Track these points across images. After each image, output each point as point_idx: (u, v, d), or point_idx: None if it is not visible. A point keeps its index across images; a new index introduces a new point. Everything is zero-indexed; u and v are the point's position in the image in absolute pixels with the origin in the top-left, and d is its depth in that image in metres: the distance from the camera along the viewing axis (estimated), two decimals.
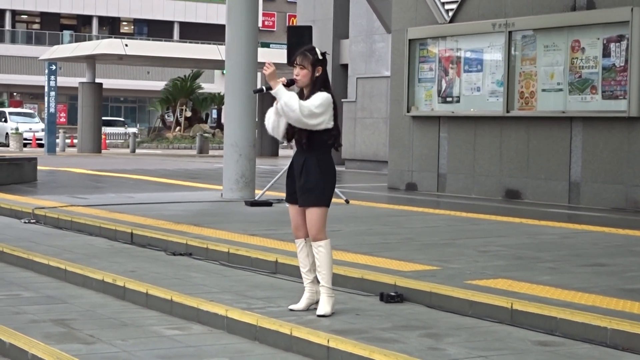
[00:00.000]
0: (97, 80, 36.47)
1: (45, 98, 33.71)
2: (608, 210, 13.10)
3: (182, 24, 70.36)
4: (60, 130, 38.05)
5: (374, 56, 25.97)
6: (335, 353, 5.43)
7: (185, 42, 55.92)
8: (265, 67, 6.20)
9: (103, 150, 36.84)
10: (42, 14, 68.23)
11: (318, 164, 6.29)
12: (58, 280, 8.31)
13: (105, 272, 7.93)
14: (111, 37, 51.49)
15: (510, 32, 14.75)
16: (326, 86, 6.32)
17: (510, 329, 5.99)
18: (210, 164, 26.94)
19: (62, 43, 58.87)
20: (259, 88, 6.44)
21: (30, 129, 41.94)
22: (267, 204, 13.28)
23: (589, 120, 13.77)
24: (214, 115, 53.84)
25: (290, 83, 6.31)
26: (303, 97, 6.30)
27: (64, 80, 45.94)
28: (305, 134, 6.27)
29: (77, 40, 54.93)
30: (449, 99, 15.95)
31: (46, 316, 6.68)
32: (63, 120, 57.37)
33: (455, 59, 15.81)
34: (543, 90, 14.35)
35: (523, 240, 9.70)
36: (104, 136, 39.32)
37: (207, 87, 52.01)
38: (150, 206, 13.00)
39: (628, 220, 11.85)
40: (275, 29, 72.23)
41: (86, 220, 11.17)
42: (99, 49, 34.62)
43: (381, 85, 23.69)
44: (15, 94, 66.73)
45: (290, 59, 11.65)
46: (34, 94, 63.86)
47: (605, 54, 13.46)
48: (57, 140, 35.33)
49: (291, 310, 6.46)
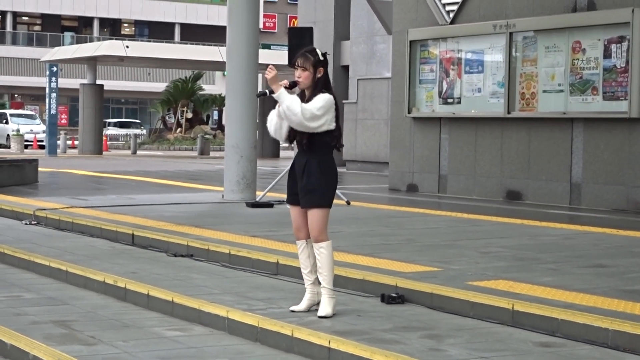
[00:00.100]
0: (98, 81, 36.50)
1: (47, 99, 33.71)
2: (609, 212, 13.10)
3: (183, 26, 70.39)
4: (61, 132, 38.04)
5: (374, 57, 25.98)
6: (337, 354, 5.43)
7: (186, 44, 56.01)
8: (267, 72, 6.20)
9: (104, 152, 36.87)
10: (43, 16, 68.26)
11: (320, 165, 6.29)
12: (59, 282, 8.31)
13: (106, 274, 7.93)
14: (112, 39, 51.50)
15: (511, 33, 14.75)
16: (327, 87, 6.32)
17: (512, 330, 5.99)
18: (211, 166, 26.94)
19: (63, 45, 58.92)
20: (262, 92, 6.40)
21: (32, 130, 41.92)
22: (268, 205, 13.28)
23: (590, 121, 13.77)
24: (215, 116, 53.82)
25: (292, 85, 6.30)
26: (304, 99, 6.30)
27: (65, 82, 45.90)
28: (306, 135, 6.27)
29: (78, 42, 54.95)
30: (449, 100, 15.95)
31: (47, 317, 6.69)
32: (64, 121, 57.38)
33: (456, 60, 15.81)
34: (544, 91, 14.35)
35: (524, 242, 9.70)
36: (105, 138, 39.33)
37: (208, 89, 52.00)
38: (151, 207, 13.00)
39: (629, 221, 11.85)
40: (276, 31, 72.25)
41: (87, 222, 11.18)
42: (100, 51, 34.67)
43: (382, 86, 23.70)
44: (16, 95, 66.78)
45: (291, 61, 11.67)
46: (35, 96, 63.88)
47: (606, 55, 13.46)
48: (58, 142, 35.31)
49: (292, 311, 6.46)
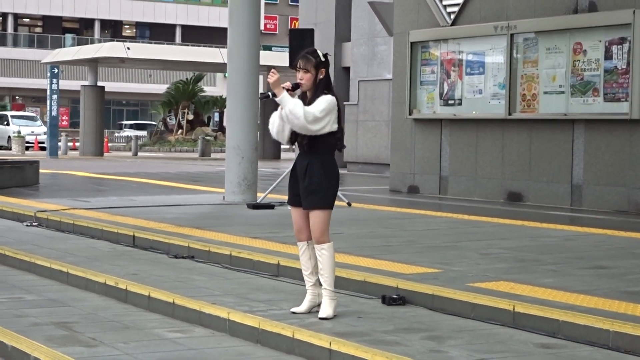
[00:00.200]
0: (99, 83, 36.52)
1: (48, 101, 33.71)
2: (610, 213, 13.09)
3: (184, 27, 70.42)
4: (62, 134, 38.04)
5: (375, 59, 26.00)
6: (338, 356, 5.43)
7: (187, 45, 56.08)
8: (270, 75, 6.19)
9: (105, 154, 36.88)
10: (45, 18, 68.30)
11: (322, 166, 6.29)
12: (60, 283, 8.31)
13: (107, 275, 7.93)
14: (113, 41, 51.52)
15: (512, 35, 14.75)
16: (329, 88, 6.32)
17: (512, 332, 5.99)
18: (212, 167, 26.94)
19: (64, 46, 59.04)
20: (265, 94, 6.34)
21: (33, 132, 41.93)
22: (269, 206, 13.28)
23: (591, 122, 13.76)
24: (216, 118, 53.82)
25: (294, 87, 6.29)
26: (306, 100, 6.29)
27: (66, 84, 45.94)
28: (308, 136, 6.26)
29: (79, 44, 55.02)
30: (450, 102, 15.94)
31: (48, 319, 6.69)
32: (65, 123, 57.32)
33: (457, 61, 15.81)
34: (545, 92, 14.35)
35: (525, 243, 9.70)
36: (106, 139, 39.35)
37: (209, 90, 52.02)
38: (152, 209, 13.00)
39: (630, 222, 11.85)
40: (277, 32, 72.27)
41: (88, 223, 11.18)
42: (101, 52, 34.69)
43: (383, 88, 23.69)
44: (17, 97, 66.80)
45: (292, 62, 11.68)
46: (36, 97, 63.92)
47: (607, 56, 13.46)
48: (59, 144, 35.32)
49: (293, 312, 6.46)
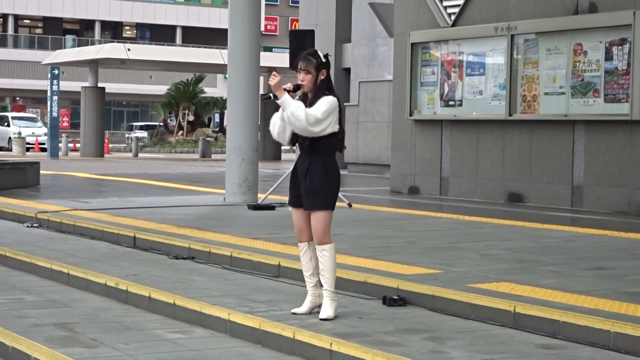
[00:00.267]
0: (100, 84, 36.54)
1: (48, 102, 33.72)
2: (610, 214, 13.09)
3: (185, 29, 70.42)
4: (63, 135, 38.06)
5: (376, 60, 26.00)
6: (338, 356, 5.43)
7: (188, 47, 56.07)
8: (271, 78, 6.19)
9: (106, 155, 36.88)
10: (45, 19, 68.30)
11: (323, 167, 6.29)
12: (61, 284, 8.31)
13: (107, 276, 7.93)
14: (114, 42, 51.50)
15: (512, 36, 14.75)
16: (330, 89, 6.32)
17: (513, 332, 5.99)
18: (212, 168, 26.94)
19: (65, 47, 59.06)
20: (267, 95, 6.31)
21: (33, 133, 41.92)
22: (270, 207, 13.28)
23: (592, 123, 13.76)
24: (217, 119, 53.82)
25: (296, 88, 6.29)
26: (307, 101, 6.29)
27: (66, 85, 45.91)
28: (309, 137, 6.27)
29: (80, 45, 55.03)
30: (451, 103, 15.95)
31: (49, 320, 6.69)
32: (66, 124, 57.33)
33: (458, 62, 15.82)
34: (545, 93, 14.35)
35: (525, 244, 9.70)
36: (106, 140, 39.34)
37: (210, 91, 52.03)
38: (152, 210, 13.00)
39: (630, 223, 11.84)
40: (277, 33, 72.27)
41: (89, 224, 11.18)
42: (102, 54, 34.70)
43: (383, 89, 23.70)
44: (18, 98, 66.81)
45: (292, 64, 11.68)
46: (37, 99, 63.92)
47: (608, 57, 13.46)
48: (60, 145, 35.32)
49: (294, 313, 6.46)
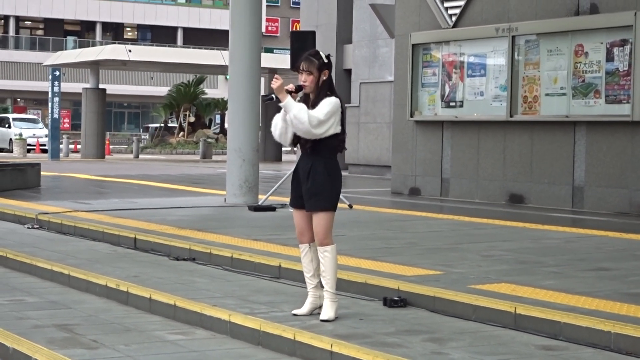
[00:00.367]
0: (101, 85, 36.56)
1: (49, 104, 33.73)
2: (612, 215, 13.08)
3: (186, 30, 70.46)
4: (63, 136, 38.07)
5: (377, 61, 26.00)
6: (339, 358, 5.43)
7: (189, 48, 56.07)
8: (273, 81, 6.18)
9: (107, 156, 36.89)
10: (46, 20, 68.35)
11: (325, 168, 6.29)
12: (61, 286, 8.31)
13: (108, 277, 7.93)
14: (115, 43, 51.53)
15: (513, 37, 14.74)
16: (332, 90, 6.31)
17: (514, 334, 5.98)
18: (213, 169, 26.94)
19: (66, 49, 59.06)
20: (269, 97, 6.30)
21: (34, 134, 41.94)
22: (271, 208, 13.28)
23: (593, 124, 13.76)
24: (217, 120, 53.85)
25: (298, 89, 6.29)
26: (309, 102, 6.29)
27: (67, 86, 45.98)
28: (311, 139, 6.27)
29: (81, 46, 55.06)
30: (452, 104, 15.94)
31: (49, 321, 6.69)
32: (67, 125, 57.39)
33: (459, 63, 15.81)
34: (546, 94, 14.34)
35: (526, 245, 9.69)
36: (107, 141, 39.35)
37: (211, 93, 52.04)
38: (153, 211, 13.00)
39: (632, 224, 11.84)
40: (278, 34, 72.29)
41: (89, 226, 11.18)
42: (103, 55, 34.71)
43: (384, 90, 23.69)
44: (19, 99, 66.84)
45: (294, 65, 11.67)
46: (38, 100, 63.95)
47: (609, 58, 13.45)
48: (61, 146, 35.33)
49: (294, 315, 6.46)
